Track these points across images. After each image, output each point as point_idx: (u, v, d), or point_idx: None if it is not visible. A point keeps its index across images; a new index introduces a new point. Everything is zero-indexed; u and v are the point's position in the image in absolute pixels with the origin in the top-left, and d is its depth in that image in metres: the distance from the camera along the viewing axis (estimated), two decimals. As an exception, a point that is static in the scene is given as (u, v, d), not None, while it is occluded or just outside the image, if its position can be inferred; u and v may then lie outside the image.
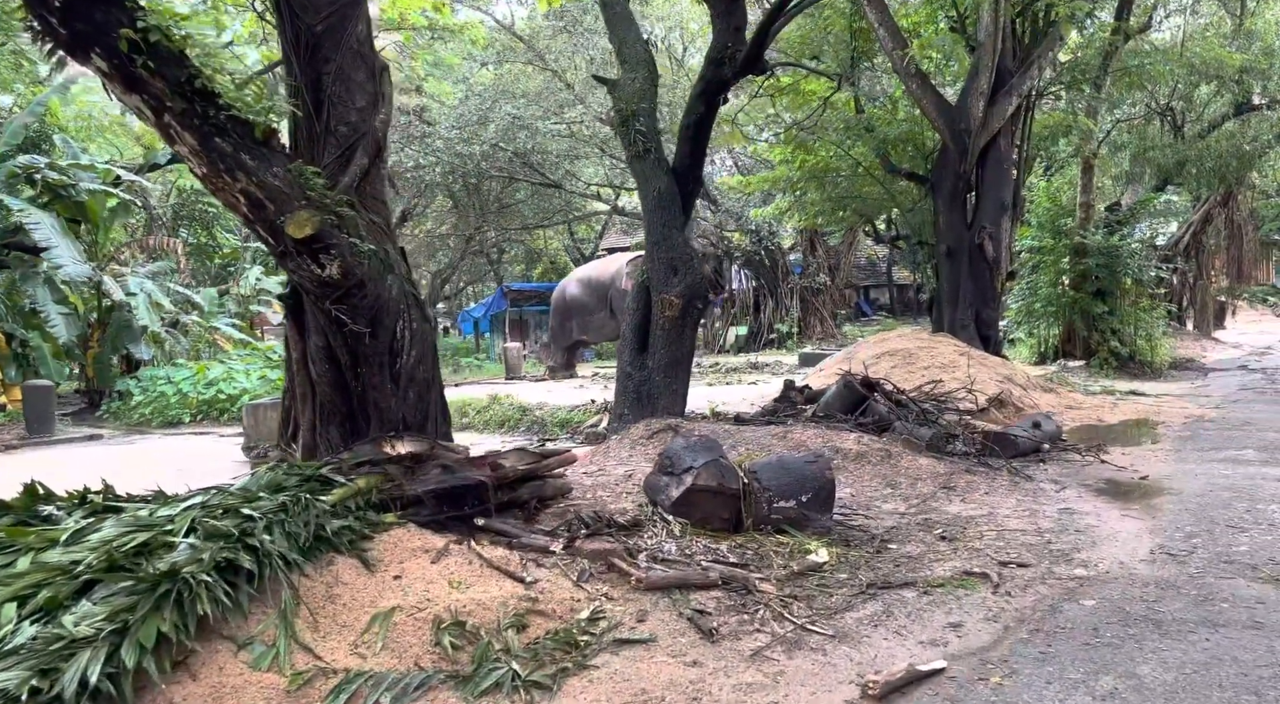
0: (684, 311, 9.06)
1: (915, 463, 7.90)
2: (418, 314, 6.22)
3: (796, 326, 27.53)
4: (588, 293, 22.35)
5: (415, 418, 6.18)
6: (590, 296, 22.24)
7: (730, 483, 5.94)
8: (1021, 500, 7.07)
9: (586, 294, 22.36)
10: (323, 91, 6.08)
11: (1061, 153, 20.57)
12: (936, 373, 11.94)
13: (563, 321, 22.87)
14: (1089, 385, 15.79)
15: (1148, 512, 6.70)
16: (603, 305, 22.01)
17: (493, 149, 26.72)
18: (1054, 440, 9.42)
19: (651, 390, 9.17)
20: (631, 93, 9.58)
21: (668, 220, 9.20)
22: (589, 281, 22.62)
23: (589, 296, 22.26)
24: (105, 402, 18.38)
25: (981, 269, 14.23)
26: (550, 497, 6.28)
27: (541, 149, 28.01)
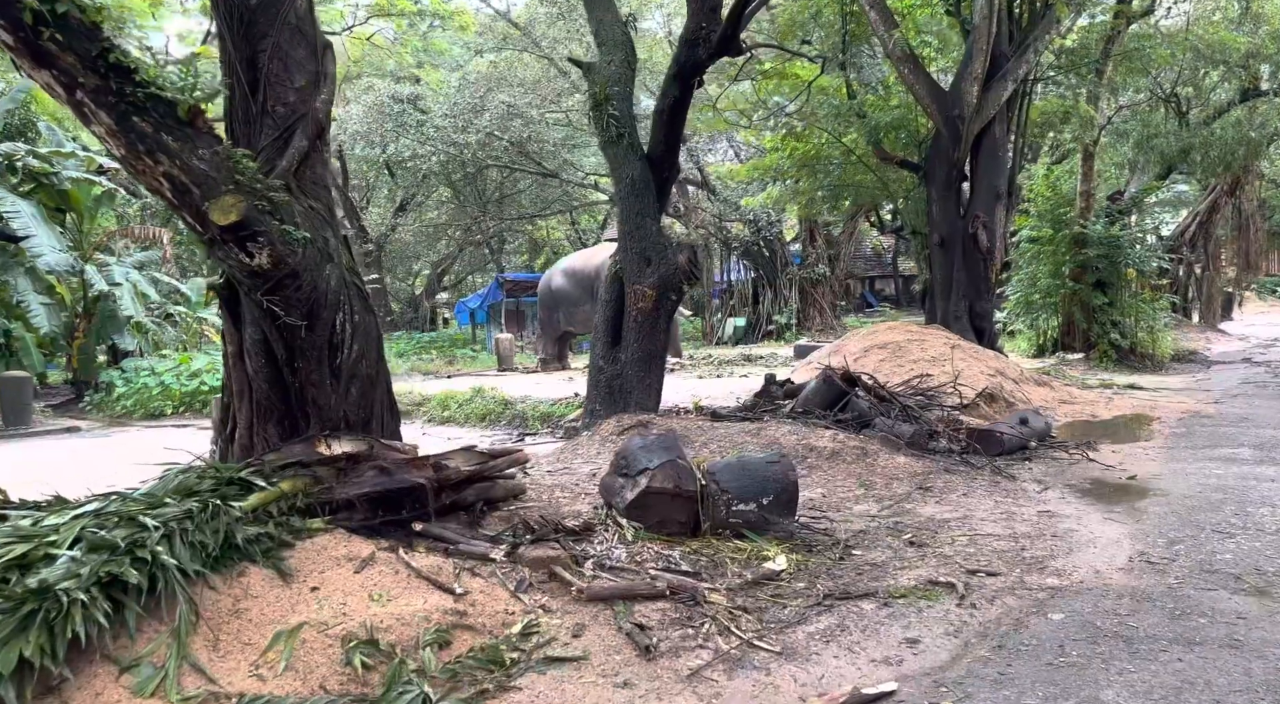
0: (657, 304, 8.74)
1: (892, 462, 7.58)
2: (360, 306, 5.91)
3: (795, 318, 27.17)
4: (573, 284, 22.01)
5: (358, 415, 5.88)
6: (575, 288, 21.90)
7: (687, 485, 5.63)
8: (1000, 502, 6.75)
9: (572, 285, 22.03)
10: (259, 70, 5.77)
11: (1063, 141, 20.15)
12: (925, 367, 11.60)
13: (550, 313, 22.56)
14: (1086, 378, 15.45)
15: (1131, 515, 6.38)
16: (588, 297, 21.66)
17: (488, 138, 26.38)
18: (1042, 437, 9.10)
19: (624, 385, 8.86)
20: (607, 76, 9.25)
21: (641, 209, 8.87)
22: (573, 273, 22.29)
23: (574, 288, 21.93)
24: (89, 393, 18.15)
25: (975, 259, 13.86)
26: (500, 499, 5.98)
27: (538, 138, 27.65)
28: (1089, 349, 17.72)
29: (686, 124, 11.35)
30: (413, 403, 14.66)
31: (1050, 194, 18.20)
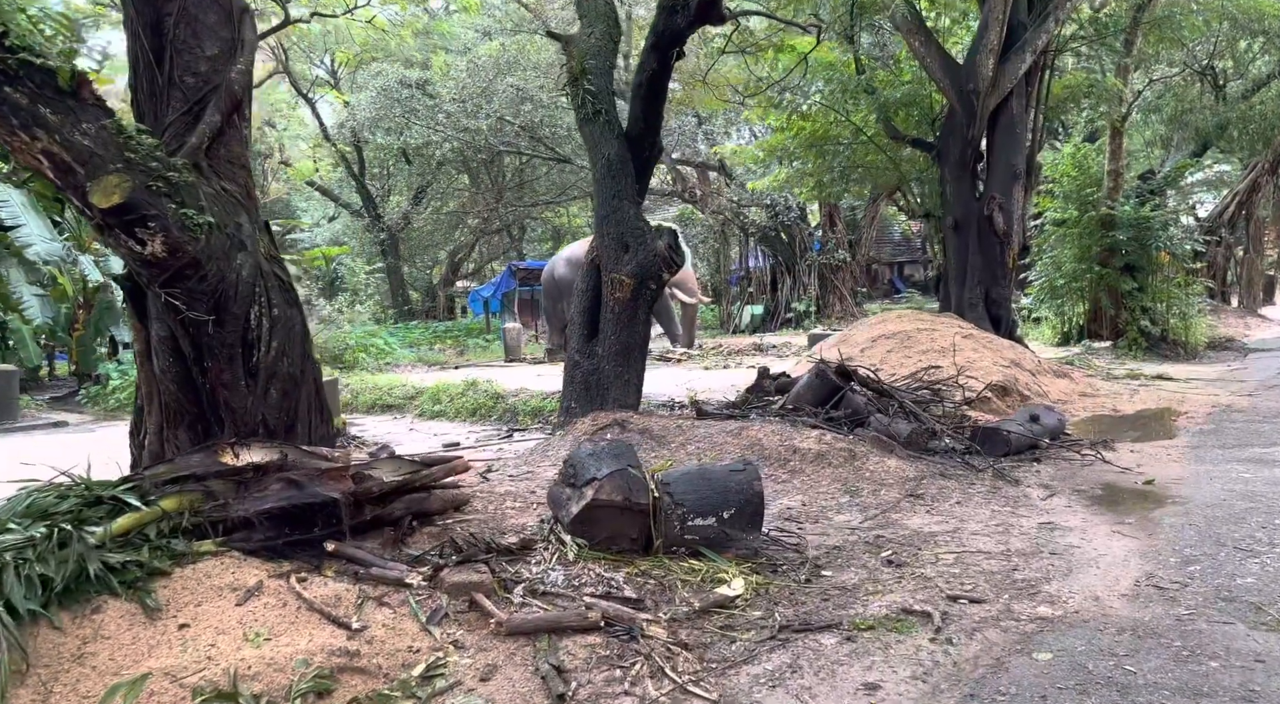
0: (636, 293, 8.14)
1: (883, 465, 6.95)
2: (281, 299, 5.37)
3: (815, 305, 26.42)
4: (575, 271, 21.37)
5: (279, 419, 5.35)
6: (578, 275, 21.27)
7: (638, 497, 5.05)
8: (998, 512, 6.11)
9: (574, 273, 21.39)
10: (165, 36, 5.23)
11: (1093, 117, 19.21)
12: (935, 358, 10.94)
13: (554, 302, 21.97)
14: (1113, 368, 14.68)
15: (1144, 527, 5.72)
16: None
17: (499, 122, 25.83)
18: (1055, 435, 8.41)
19: (601, 381, 8.28)
20: (585, 49, 8.65)
21: (619, 191, 8.27)
22: (575, 260, 21.63)
23: (577, 275, 21.29)
24: (86, 386, 17.85)
25: (991, 243, 13.11)
26: (438, 512, 5.42)
27: (551, 122, 27.05)
28: (1117, 337, 16.90)
29: (700, 103, 10.70)
30: (405, 396, 14.19)
31: (1077, 174, 17.35)
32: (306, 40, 34.27)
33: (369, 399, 14.55)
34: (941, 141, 13.93)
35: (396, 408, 14.16)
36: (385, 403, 14.39)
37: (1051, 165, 17.46)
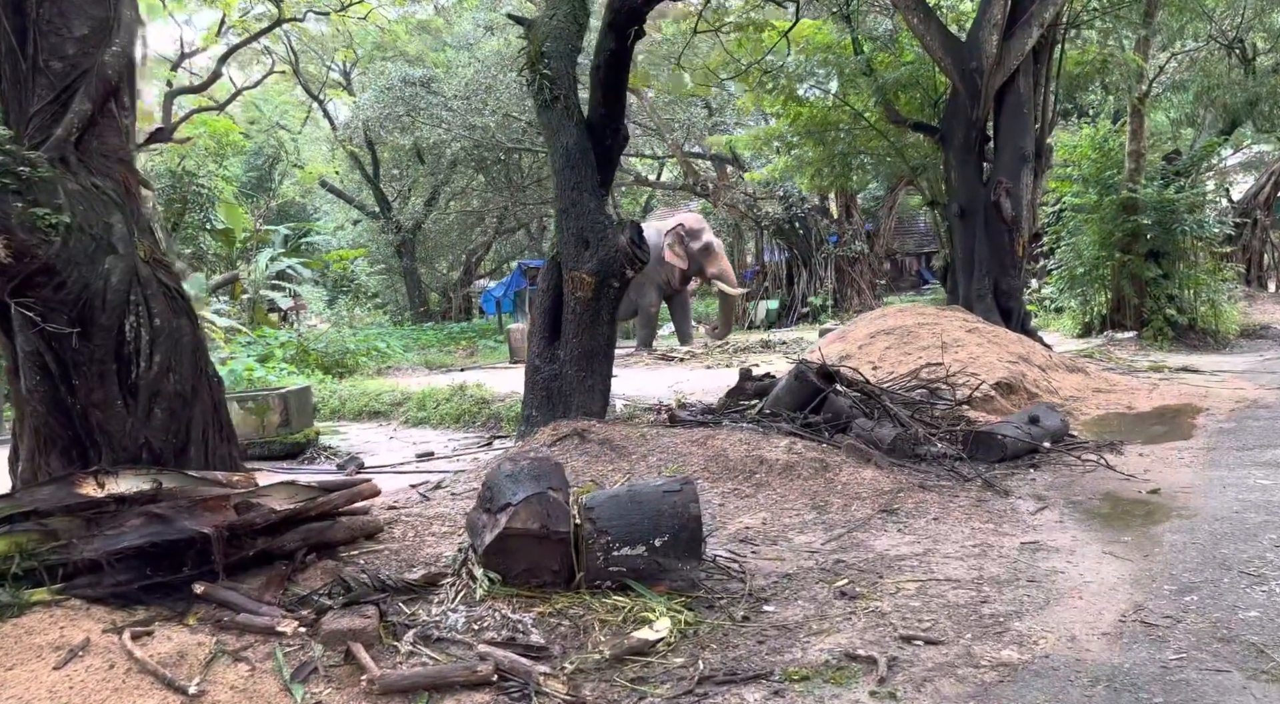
0: (598, 291, 7.56)
1: (857, 476, 6.33)
2: (165, 308, 4.85)
3: (831, 299, 25.67)
4: None
5: (167, 442, 4.84)
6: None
7: (558, 525, 4.48)
8: (978, 529, 5.47)
9: None
10: (28, 15, 4.73)
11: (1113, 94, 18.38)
12: (936, 354, 10.27)
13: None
14: (1135, 361, 13.90)
15: (1140, 546, 5.06)
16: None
17: (505, 119, 25.29)
18: (1058, 438, 7.75)
19: (563, 387, 7.71)
20: (546, 32, 8.08)
21: (578, 182, 7.69)
22: None
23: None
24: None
25: (999, 231, 12.38)
26: (344, 542, 4.89)
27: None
28: (1142, 327, 16.06)
29: (680, 90, 10.11)
30: (392, 403, 13.70)
31: (1097, 155, 16.52)
32: (318, 43, 34.03)
33: (356, 406, 14.09)
34: (945, 124, 13.21)
35: (383, 414, 13.68)
36: (373, 409, 13.92)
37: (1069, 148, 16.65)
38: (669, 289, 20.03)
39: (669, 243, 19.34)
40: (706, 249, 19.53)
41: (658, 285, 19.75)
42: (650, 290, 19.74)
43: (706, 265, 19.55)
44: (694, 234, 19.53)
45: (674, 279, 19.73)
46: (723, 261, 19.78)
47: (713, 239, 19.81)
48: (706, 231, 19.75)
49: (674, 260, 19.31)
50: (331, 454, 10.53)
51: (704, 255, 19.54)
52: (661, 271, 19.41)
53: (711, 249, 19.59)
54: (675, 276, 19.67)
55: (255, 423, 10.08)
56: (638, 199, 44.67)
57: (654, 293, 19.88)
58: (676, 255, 19.31)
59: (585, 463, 6.87)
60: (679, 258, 19.34)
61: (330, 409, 14.31)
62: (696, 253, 19.50)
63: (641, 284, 19.54)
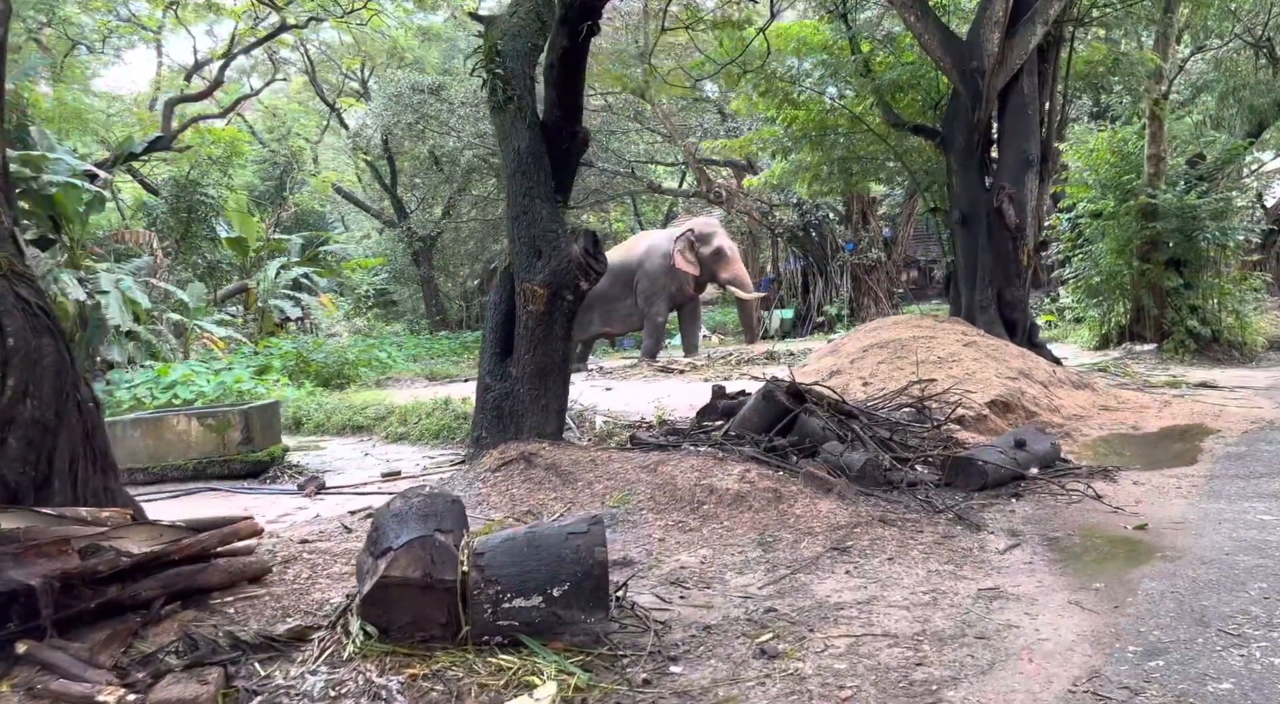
0: (551, 304, 7.10)
1: (813, 509, 5.81)
2: (23, 326, 4.43)
3: (848, 308, 25.05)
4: (611, 280, 20.26)
5: (24, 476, 4.42)
6: (614, 284, 20.14)
7: (443, 572, 4.01)
8: (935, 572, 4.93)
9: (609, 282, 20.28)
10: None
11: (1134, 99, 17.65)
12: (930, 369, 9.73)
13: (584, 312, 20.91)
14: (1152, 375, 13.24)
15: (1112, 595, 4.51)
16: (629, 292, 19.93)
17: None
18: (1048, 463, 7.18)
19: (515, 406, 7.24)
20: (505, 29, 7.65)
21: (530, 188, 7.23)
22: (612, 268, 20.58)
23: (612, 284, 20.16)
24: (72, 408, 17.33)
25: (1002, 239, 11.77)
26: (219, 586, 4.44)
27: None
28: (1162, 339, 15.36)
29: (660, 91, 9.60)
30: (376, 417, 13.32)
31: (1115, 159, 15.86)
32: (337, 51, 33.97)
33: (340, 420, 13.72)
34: (946, 127, 12.62)
35: (366, 429, 13.30)
36: (356, 423, 13.54)
37: (1084, 152, 15.98)
38: (680, 298, 19.54)
39: (679, 248, 18.88)
40: (718, 254, 19.03)
41: (668, 295, 19.26)
42: (660, 301, 19.26)
43: (719, 271, 19.08)
44: (704, 239, 19.06)
45: (686, 286, 19.24)
46: (736, 266, 19.29)
47: (725, 243, 19.31)
48: (718, 236, 19.26)
49: (684, 267, 18.84)
50: (297, 473, 10.15)
51: (715, 260, 19.07)
52: (672, 281, 18.95)
53: (723, 254, 19.09)
54: (689, 284, 19.17)
55: (215, 440, 9.70)
56: (660, 207, 44.26)
57: (663, 303, 19.38)
58: (687, 262, 18.85)
59: (527, 490, 6.42)
60: (690, 264, 18.87)
61: (315, 423, 13.97)
62: (708, 258, 19.04)
63: (650, 294, 19.06)
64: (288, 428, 14.41)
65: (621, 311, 20.45)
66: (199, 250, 22.61)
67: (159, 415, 9.98)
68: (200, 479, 9.75)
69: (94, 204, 19.00)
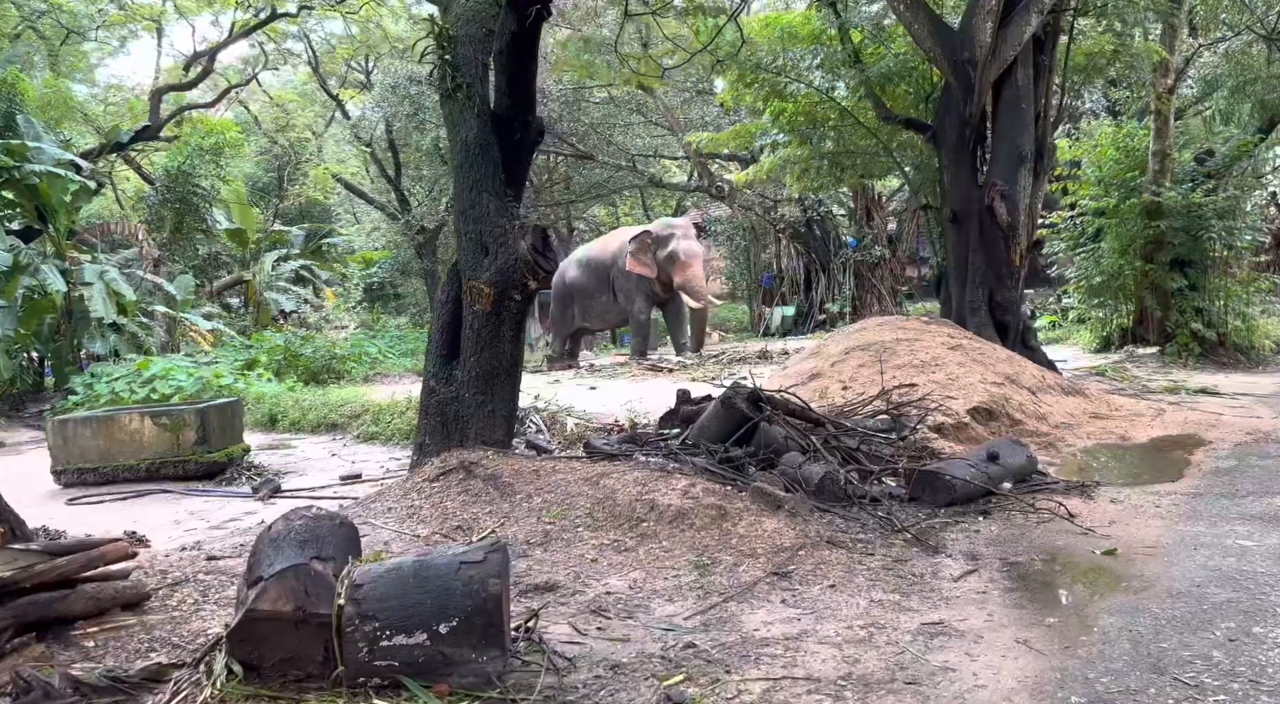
0: (497, 304, 6.73)
1: (758, 528, 5.42)
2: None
3: (850, 306, 24.58)
4: (588, 275, 20.03)
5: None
6: (590, 279, 19.92)
7: (318, 605, 3.66)
8: (878, 602, 4.55)
9: (586, 276, 20.05)
10: None
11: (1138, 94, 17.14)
12: (912, 373, 9.32)
13: (564, 308, 20.67)
14: (1152, 380, 12.77)
15: (1065, 632, 4.12)
16: (604, 288, 19.65)
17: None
18: (1024, 476, 6.78)
19: (460, 411, 6.88)
20: (460, 14, 7.28)
21: (477, 180, 6.86)
22: (589, 262, 20.31)
23: (589, 279, 19.95)
24: (55, 401, 17.10)
25: (994, 238, 11.32)
26: (86, 615, 4.09)
27: (571, 117, 25.69)
28: (1166, 342, 14.86)
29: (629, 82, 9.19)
30: (351, 415, 13.00)
31: (1119, 155, 15.36)
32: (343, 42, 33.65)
33: (316, 417, 13.41)
34: (937, 121, 12.17)
35: (340, 427, 12.98)
36: (331, 421, 13.22)
37: (1088, 147, 15.49)
38: (659, 296, 19.15)
39: (631, 250, 18.55)
40: (672, 257, 18.55)
41: (644, 293, 18.89)
42: (638, 297, 18.90)
43: (673, 274, 18.56)
44: (661, 241, 18.65)
45: (655, 286, 18.87)
46: (689, 270, 18.61)
47: (680, 245, 18.61)
48: (676, 239, 18.65)
49: (636, 269, 18.48)
50: (256, 474, 9.84)
51: (669, 264, 18.59)
52: (644, 279, 18.61)
53: (677, 257, 18.54)
54: (655, 284, 18.81)
55: (170, 440, 9.39)
56: (669, 202, 43.81)
57: (642, 300, 19.02)
58: (641, 264, 18.47)
59: (462, 503, 6.06)
60: (643, 266, 18.48)
61: (290, 421, 13.67)
62: (663, 261, 18.63)
63: (629, 291, 18.71)
64: (262, 425, 14.13)
65: (598, 307, 20.16)
66: (192, 242, 22.32)
67: (110, 414, 9.67)
68: (154, 480, 9.45)
69: (80, 194, 18.74)
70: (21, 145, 16.87)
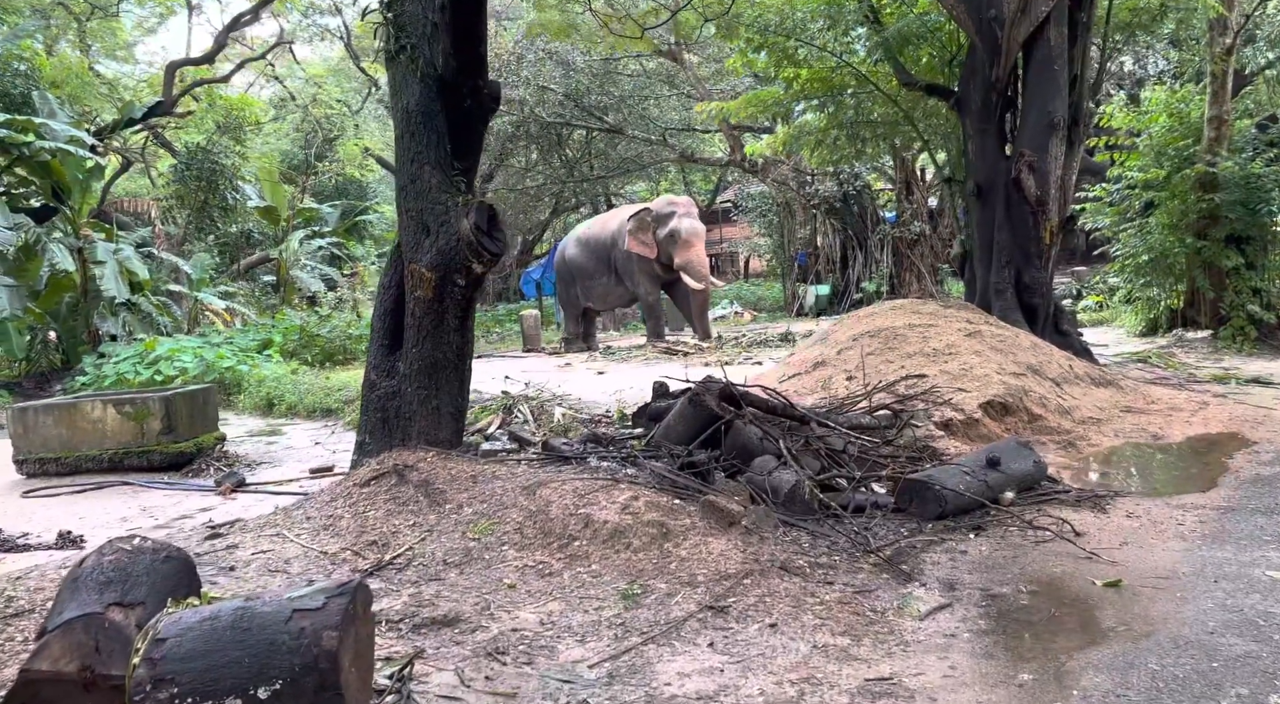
0: (440, 290, 6.08)
1: (702, 549, 4.73)
2: None
3: (888, 284, 23.58)
4: (587, 254, 19.35)
5: None
6: (590, 258, 19.24)
7: (111, 665, 3.09)
8: (821, 649, 3.84)
9: (585, 256, 19.38)
10: None
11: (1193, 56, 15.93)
12: (924, 362, 8.53)
13: (566, 287, 20.06)
14: (1201, 367, 11.79)
15: (1038, 696, 3.38)
16: (605, 269, 18.96)
17: (540, 91, 23.89)
18: (1031, 484, 5.99)
19: (402, 407, 6.26)
20: (415, -27, 6.60)
21: (419, 152, 6.20)
22: (588, 241, 19.61)
23: (588, 258, 19.27)
24: (65, 381, 16.91)
25: (1022, 213, 10.40)
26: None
27: (600, 90, 24.97)
28: (1219, 325, 13.79)
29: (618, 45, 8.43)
30: (345, 400, 12.52)
31: (1172, 121, 14.25)
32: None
33: (313, 402, 12.96)
34: (962, 87, 11.24)
35: (335, 412, 12.52)
36: (326, 406, 12.77)
37: (1134, 114, 14.42)
38: (662, 277, 18.40)
39: (629, 229, 17.79)
40: (672, 236, 17.76)
41: (648, 274, 18.15)
42: (643, 278, 18.18)
43: (674, 254, 17.77)
44: (661, 219, 17.88)
45: (656, 267, 18.12)
46: (691, 252, 17.79)
47: (682, 224, 17.81)
48: (677, 216, 17.86)
49: (636, 249, 17.73)
50: (226, 465, 9.36)
51: (670, 243, 17.79)
52: (644, 259, 17.89)
53: (678, 236, 17.75)
54: (655, 264, 18.07)
55: (134, 429, 8.94)
56: (710, 176, 42.93)
57: (648, 281, 18.28)
58: (639, 243, 17.71)
59: (385, 513, 5.46)
60: (643, 246, 17.71)
61: (287, 405, 13.25)
62: (663, 240, 17.84)
63: (631, 272, 18.02)
64: (260, 409, 13.75)
65: (599, 288, 19.46)
66: (214, 220, 22.01)
67: (73, 401, 9.25)
68: (117, 471, 9.05)
69: (95, 172, 18.47)
70: (27, 121, 16.58)
